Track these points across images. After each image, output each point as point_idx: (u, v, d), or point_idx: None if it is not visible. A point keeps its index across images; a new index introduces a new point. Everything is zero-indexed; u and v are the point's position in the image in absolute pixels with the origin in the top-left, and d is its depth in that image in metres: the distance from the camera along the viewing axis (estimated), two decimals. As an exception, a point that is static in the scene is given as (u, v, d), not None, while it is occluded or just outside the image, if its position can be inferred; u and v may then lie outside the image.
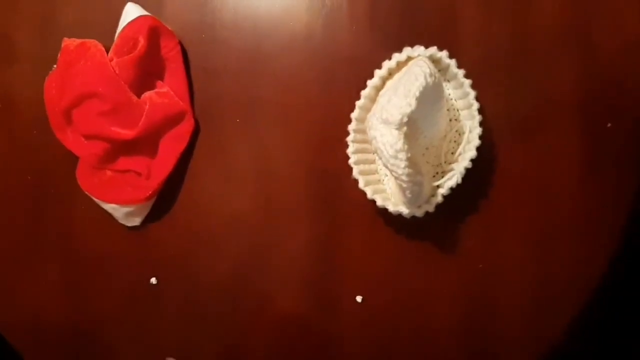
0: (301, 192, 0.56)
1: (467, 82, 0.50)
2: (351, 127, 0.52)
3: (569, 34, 0.53)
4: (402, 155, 0.44)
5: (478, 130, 0.50)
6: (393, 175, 0.46)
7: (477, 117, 0.50)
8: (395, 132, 0.44)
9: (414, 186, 0.46)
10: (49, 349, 0.60)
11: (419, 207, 0.50)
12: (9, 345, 0.61)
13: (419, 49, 0.50)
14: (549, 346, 0.54)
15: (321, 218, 0.56)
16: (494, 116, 0.53)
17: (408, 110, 0.43)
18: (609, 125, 0.53)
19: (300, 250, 0.56)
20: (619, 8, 0.52)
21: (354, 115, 0.52)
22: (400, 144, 0.43)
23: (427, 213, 0.51)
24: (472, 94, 0.50)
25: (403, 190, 0.47)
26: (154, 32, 0.54)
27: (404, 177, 0.45)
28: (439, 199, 0.51)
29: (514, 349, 0.55)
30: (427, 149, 0.51)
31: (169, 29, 0.56)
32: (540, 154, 0.54)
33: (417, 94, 0.44)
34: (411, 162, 0.44)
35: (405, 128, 0.44)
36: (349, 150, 0.52)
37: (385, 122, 0.44)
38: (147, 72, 0.55)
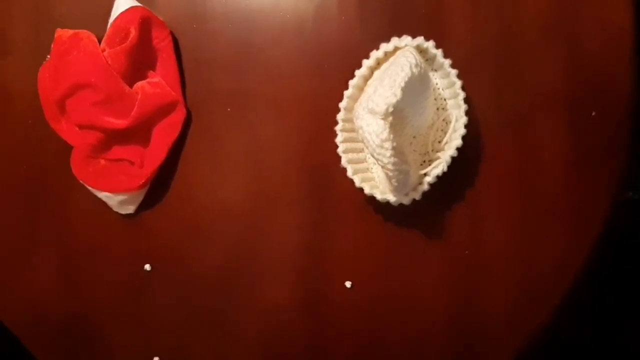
0: (292, 180, 0.57)
1: (454, 71, 0.51)
2: (340, 117, 0.53)
3: (555, 24, 0.54)
4: (388, 145, 0.44)
5: (464, 120, 0.51)
6: (379, 164, 0.47)
7: (463, 107, 0.51)
8: (381, 122, 0.45)
9: (399, 175, 0.47)
10: (46, 335, 0.62)
11: (406, 195, 0.51)
12: (8, 332, 0.62)
13: (406, 39, 0.51)
14: (534, 331, 0.55)
15: (311, 206, 0.57)
16: (480, 105, 0.54)
17: (393, 100, 0.44)
18: (593, 113, 0.53)
19: (291, 237, 0.57)
20: (604, 0, 0.53)
21: (342, 104, 0.53)
22: (385, 133, 0.44)
23: (414, 201, 0.52)
24: (459, 83, 0.51)
25: (389, 178, 0.48)
26: (145, 22, 0.55)
27: (389, 166, 0.46)
28: (426, 187, 0.51)
29: (500, 334, 0.56)
30: (414, 137, 0.52)
31: (161, 19, 0.56)
32: (526, 142, 0.54)
33: (403, 84, 0.45)
34: (397, 151, 0.45)
35: (391, 118, 0.45)
36: (338, 139, 0.53)
37: (371, 111, 0.45)
38: (139, 62, 0.56)
